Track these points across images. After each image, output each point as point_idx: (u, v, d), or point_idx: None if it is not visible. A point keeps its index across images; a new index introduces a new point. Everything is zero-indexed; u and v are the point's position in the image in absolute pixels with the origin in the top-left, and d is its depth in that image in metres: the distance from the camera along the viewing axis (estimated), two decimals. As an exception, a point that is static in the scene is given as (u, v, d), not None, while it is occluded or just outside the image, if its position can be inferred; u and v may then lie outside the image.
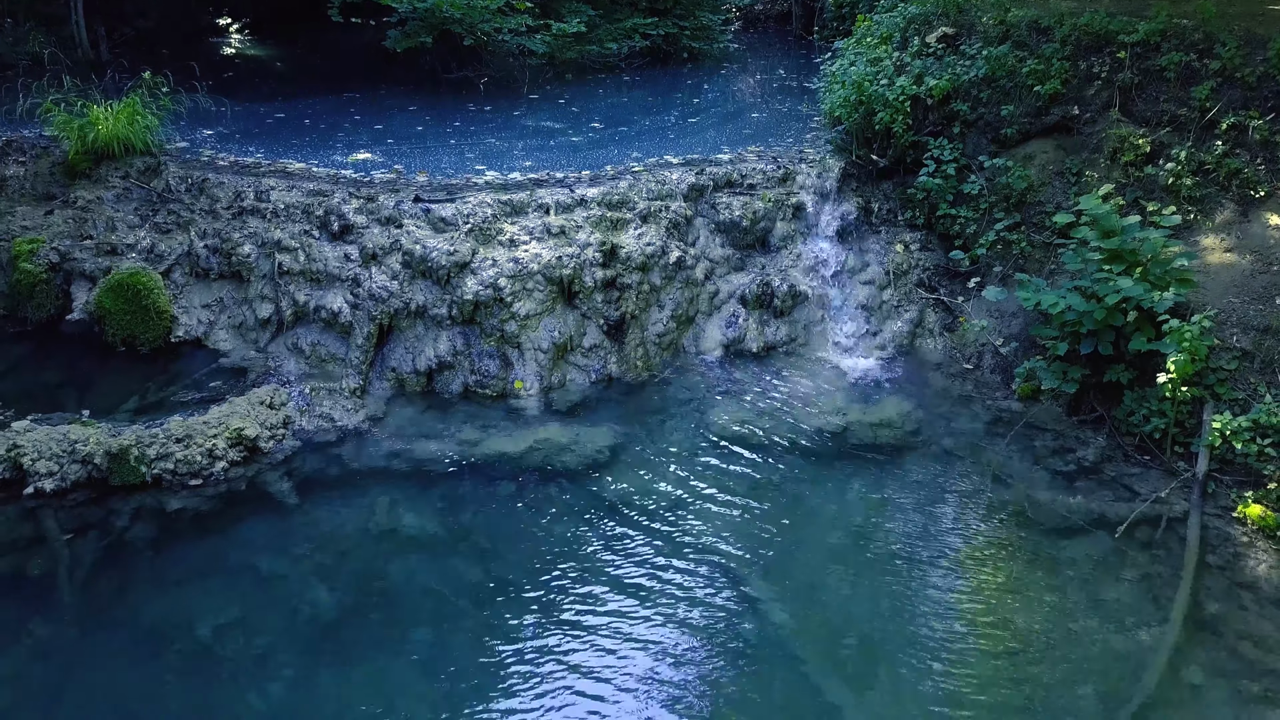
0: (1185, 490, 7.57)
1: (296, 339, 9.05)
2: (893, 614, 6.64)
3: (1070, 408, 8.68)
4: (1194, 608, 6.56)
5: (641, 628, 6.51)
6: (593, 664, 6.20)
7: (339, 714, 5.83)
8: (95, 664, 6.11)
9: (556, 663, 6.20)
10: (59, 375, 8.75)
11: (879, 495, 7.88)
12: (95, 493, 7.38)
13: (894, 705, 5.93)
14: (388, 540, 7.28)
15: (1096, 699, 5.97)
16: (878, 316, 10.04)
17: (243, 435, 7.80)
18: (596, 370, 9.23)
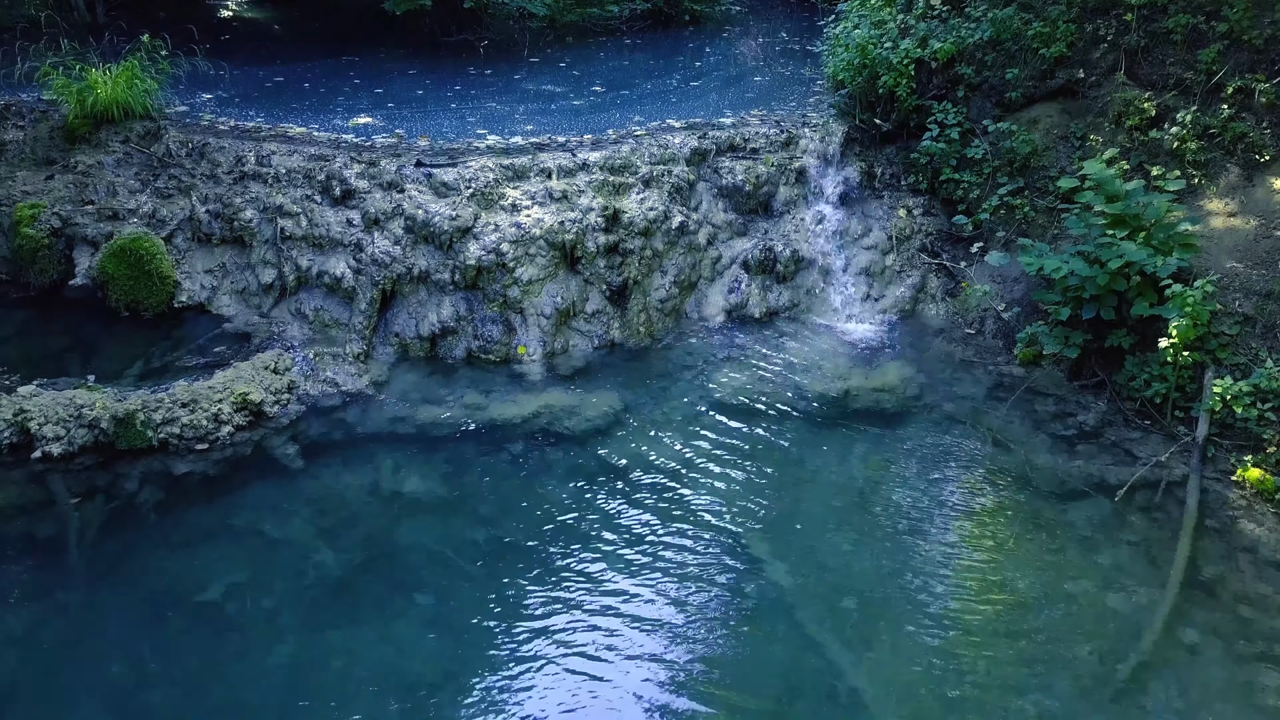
0: (1185, 454, 7.61)
1: (300, 304, 9.06)
2: (893, 575, 6.71)
3: (1071, 373, 8.71)
4: (1191, 570, 6.63)
5: (644, 589, 6.58)
6: (596, 624, 6.28)
7: (346, 672, 5.92)
8: (105, 624, 6.19)
9: (560, 624, 6.28)
10: (64, 340, 8.77)
11: (880, 459, 7.94)
12: (102, 457, 7.43)
13: (894, 664, 6.02)
14: (393, 503, 7.34)
15: (1094, 658, 6.05)
16: (880, 282, 10.04)
17: (248, 400, 7.84)
18: (599, 336, 9.25)
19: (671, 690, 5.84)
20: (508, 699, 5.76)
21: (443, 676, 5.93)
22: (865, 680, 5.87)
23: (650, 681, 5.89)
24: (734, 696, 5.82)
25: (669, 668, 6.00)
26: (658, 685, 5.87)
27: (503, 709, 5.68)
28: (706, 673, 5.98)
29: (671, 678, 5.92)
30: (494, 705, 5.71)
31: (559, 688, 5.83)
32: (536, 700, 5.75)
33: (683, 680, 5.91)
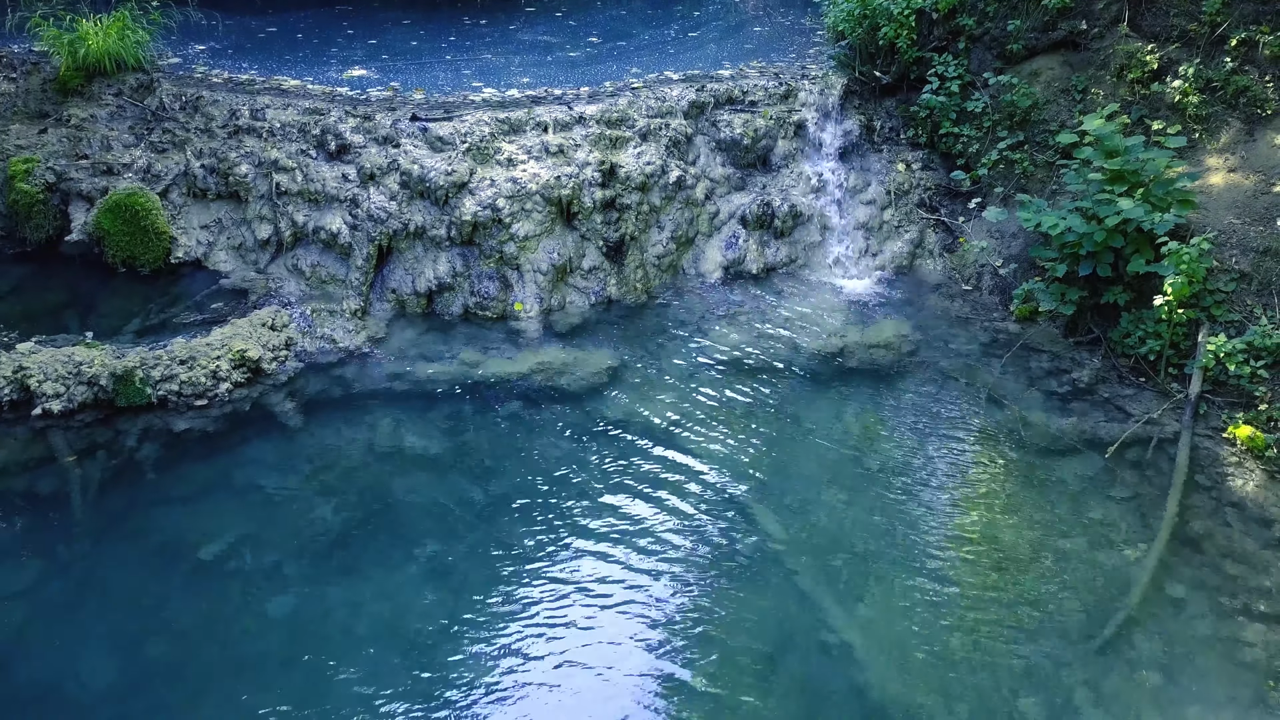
0: (1177, 411, 7.67)
1: (296, 260, 9.05)
2: (886, 531, 6.80)
3: (1067, 329, 8.74)
4: (1180, 525, 6.72)
5: (640, 543, 6.68)
6: (592, 577, 6.39)
7: (347, 625, 6.03)
8: (109, 579, 6.29)
9: (556, 577, 6.39)
10: (61, 296, 8.78)
11: (875, 416, 7.99)
12: (102, 414, 7.48)
13: (884, 618, 6.13)
14: (391, 459, 7.41)
15: (1082, 612, 6.16)
16: (878, 237, 10.02)
17: (246, 357, 7.87)
18: (596, 292, 9.25)
19: (666, 644, 5.95)
20: (506, 651, 5.87)
21: (442, 629, 6.04)
22: (856, 633, 5.99)
23: (645, 636, 6.00)
24: (727, 649, 5.93)
25: (664, 622, 6.11)
26: (652, 639, 5.98)
27: (501, 661, 5.80)
28: (700, 627, 6.09)
29: (666, 631, 6.04)
30: (492, 657, 5.83)
31: (556, 640, 5.95)
32: (534, 651, 5.87)
33: (677, 634, 6.03)
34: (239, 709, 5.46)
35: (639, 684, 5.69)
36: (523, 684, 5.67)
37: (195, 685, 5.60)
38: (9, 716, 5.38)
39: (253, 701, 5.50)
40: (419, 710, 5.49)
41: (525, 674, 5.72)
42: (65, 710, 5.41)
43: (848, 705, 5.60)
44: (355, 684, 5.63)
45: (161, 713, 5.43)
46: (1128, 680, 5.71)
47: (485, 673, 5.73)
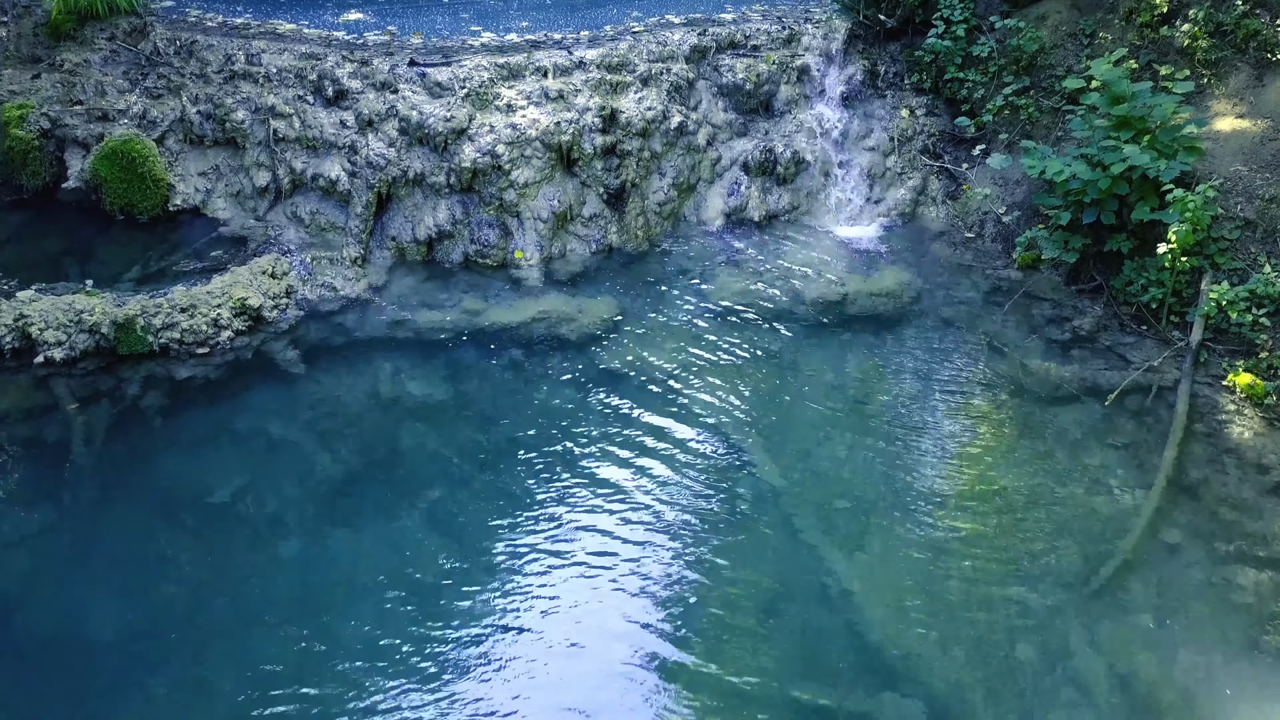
0: (1178, 359, 7.67)
1: (295, 207, 8.99)
2: (885, 478, 6.85)
3: (1069, 277, 8.71)
4: (1177, 472, 6.76)
5: (642, 490, 6.73)
6: (594, 525, 6.45)
7: (352, 570, 6.10)
8: (114, 527, 6.36)
9: (558, 523, 6.45)
10: (59, 244, 8.74)
11: (876, 364, 8.01)
12: (104, 362, 7.49)
13: (882, 563, 6.20)
14: (394, 407, 7.44)
15: (1079, 558, 6.23)
16: (881, 184, 9.94)
17: (246, 305, 7.86)
18: (597, 240, 9.20)
19: (667, 589, 6.03)
20: (509, 597, 5.95)
21: (445, 575, 6.11)
22: (855, 579, 6.06)
23: (646, 582, 6.08)
24: (728, 595, 6.01)
25: (665, 568, 6.18)
26: (654, 585, 6.06)
27: (504, 606, 5.88)
28: (701, 572, 6.16)
29: (667, 577, 6.11)
30: (496, 602, 5.91)
31: (556, 584, 6.02)
32: (535, 596, 5.95)
33: (677, 579, 6.10)
34: (245, 654, 5.56)
35: (640, 628, 5.78)
36: (525, 627, 5.75)
37: (202, 630, 5.69)
38: (20, 662, 5.47)
39: (258, 647, 5.59)
40: (423, 655, 5.58)
41: (527, 618, 5.81)
42: (75, 655, 5.50)
43: (846, 649, 5.69)
44: (359, 629, 5.71)
45: (169, 658, 5.52)
46: (1121, 624, 5.80)
47: (488, 617, 5.82)
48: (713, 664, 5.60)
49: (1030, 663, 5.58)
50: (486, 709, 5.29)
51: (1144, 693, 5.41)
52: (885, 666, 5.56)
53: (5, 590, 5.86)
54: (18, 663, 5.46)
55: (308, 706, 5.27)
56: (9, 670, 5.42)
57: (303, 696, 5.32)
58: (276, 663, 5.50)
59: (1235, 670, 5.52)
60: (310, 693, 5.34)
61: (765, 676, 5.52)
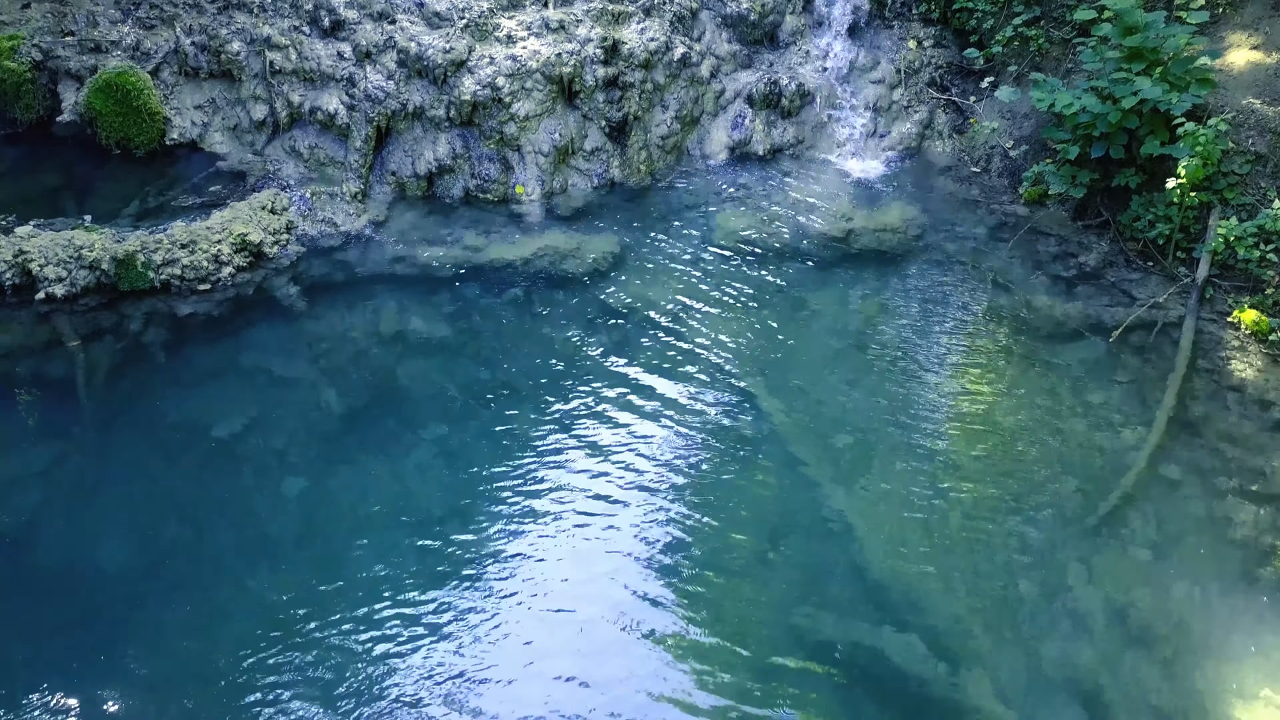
0: (1183, 296, 7.64)
1: (294, 141, 8.88)
2: (887, 414, 6.87)
3: (1076, 212, 8.63)
4: (1179, 409, 6.78)
5: (644, 426, 6.76)
6: (596, 460, 6.49)
7: (357, 505, 6.15)
8: (120, 462, 6.39)
9: (561, 459, 6.49)
10: (56, 179, 8.65)
11: (879, 300, 7.97)
12: (106, 298, 7.46)
13: (884, 499, 6.25)
14: (396, 343, 7.43)
15: (1078, 493, 6.27)
16: (886, 117, 9.79)
17: (247, 240, 7.80)
18: (598, 174, 9.10)
19: (668, 523, 6.09)
20: (512, 530, 6.01)
21: (449, 510, 6.17)
22: (856, 513, 6.11)
23: (648, 516, 6.13)
24: (729, 528, 6.07)
25: (667, 502, 6.23)
26: (655, 519, 6.11)
27: (508, 542, 5.95)
28: (702, 507, 6.21)
29: (669, 511, 6.17)
30: (499, 538, 5.97)
31: (562, 520, 6.08)
32: (539, 530, 6.01)
33: (680, 514, 6.16)
34: (253, 586, 5.63)
35: (642, 561, 5.84)
36: (527, 561, 5.82)
37: (210, 564, 5.75)
38: (30, 595, 5.55)
39: (266, 579, 5.67)
40: (428, 588, 5.66)
41: (531, 552, 5.87)
42: (85, 588, 5.58)
43: (847, 582, 5.76)
44: (365, 562, 5.78)
45: (177, 591, 5.59)
46: (1120, 558, 5.86)
47: (492, 550, 5.88)
48: (714, 596, 5.68)
49: (1028, 596, 5.66)
50: (490, 638, 5.38)
51: (1140, 624, 5.49)
52: (885, 599, 5.64)
53: (15, 524, 5.92)
54: (30, 594, 5.54)
55: (314, 636, 5.36)
56: (21, 601, 5.50)
57: (309, 627, 5.40)
58: (283, 594, 5.57)
59: (1230, 603, 5.60)
60: (316, 623, 5.42)
61: (766, 609, 5.60)
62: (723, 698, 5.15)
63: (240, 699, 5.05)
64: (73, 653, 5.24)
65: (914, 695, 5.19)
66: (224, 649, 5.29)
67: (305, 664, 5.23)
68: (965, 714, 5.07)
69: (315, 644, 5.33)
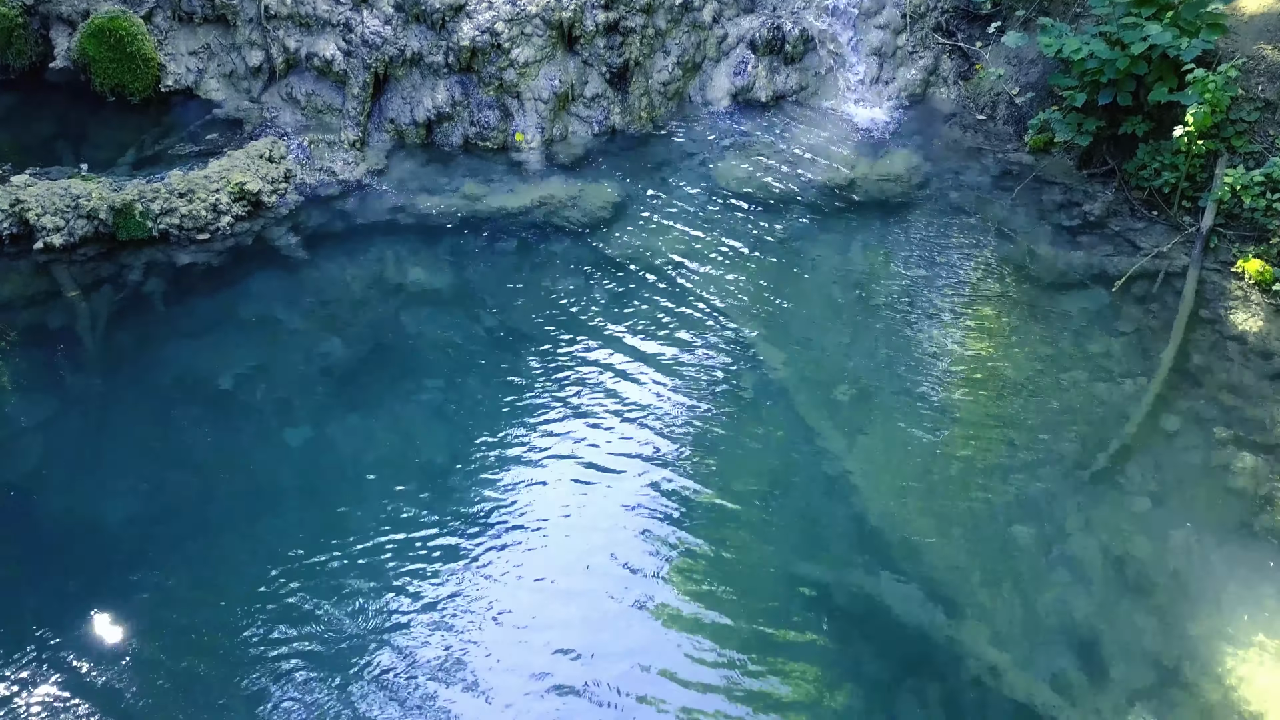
0: (1187, 245, 7.59)
1: (290, 88, 8.76)
2: (887, 365, 6.87)
3: (1081, 161, 8.54)
4: (1180, 359, 6.77)
5: (644, 376, 6.77)
6: (597, 410, 6.51)
7: (359, 454, 6.19)
8: (122, 413, 6.42)
9: (562, 410, 6.51)
10: (51, 126, 8.56)
11: (882, 250, 7.93)
12: (104, 248, 7.42)
13: (883, 448, 6.28)
14: (397, 293, 7.41)
15: (1077, 443, 6.30)
16: (891, 63, 9.65)
17: (245, 190, 7.74)
18: (599, 122, 9.00)
19: (669, 473, 6.12)
20: (513, 480, 6.05)
21: (451, 460, 6.20)
22: (855, 463, 6.15)
23: (649, 465, 6.17)
24: (729, 478, 6.11)
25: (667, 452, 6.26)
26: (656, 469, 6.15)
27: (508, 490, 5.99)
28: (703, 456, 6.25)
29: (669, 461, 6.20)
30: (500, 486, 6.01)
31: (562, 469, 6.12)
32: (539, 481, 6.05)
33: (680, 464, 6.19)
34: (257, 535, 5.69)
35: (642, 511, 5.89)
36: (528, 510, 5.87)
37: (213, 513, 5.81)
38: (35, 544, 5.60)
39: (270, 528, 5.72)
40: (431, 538, 5.71)
41: (530, 501, 5.92)
42: (90, 536, 5.63)
43: (845, 531, 5.81)
44: (367, 511, 5.83)
45: (182, 540, 5.65)
46: (1118, 507, 5.90)
47: (493, 500, 5.93)
48: (714, 546, 5.73)
49: (1026, 545, 5.71)
50: (492, 587, 5.44)
51: (1136, 573, 5.55)
52: (883, 547, 5.69)
53: (20, 474, 5.96)
54: (35, 543, 5.60)
55: (318, 584, 5.43)
56: (28, 549, 5.56)
57: (313, 575, 5.47)
58: (287, 542, 5.63)
59: (1227, 552, 5.65)
60: (320, 571, 5.49)
61: (765, 557, 5.66)
62: (722, 644, 5.23)
63: (245, 646, 5.13)
64: (79, 599, 5.30)
65: (912, 643, 5.26)
66: (229, 596, 5.35)
67: (308, 612, 5.29)
68: (962, 661, 5.14)
69: (318, 592, 5.39)
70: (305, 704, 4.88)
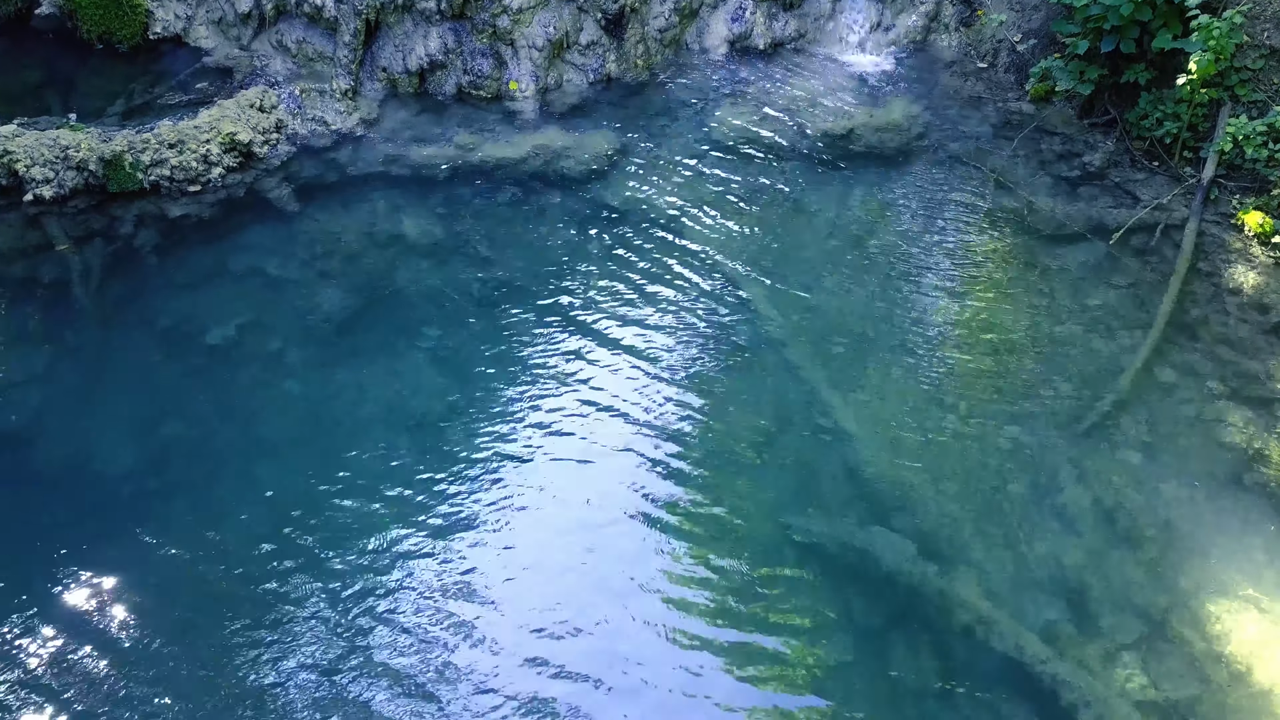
0: (1188, 197, 7.53)
1: (281, 35, 8.61)
2: (883, 317, 6.85)
3: (1082, 110, 8.43)
4: (1178, 312, 6.75)
5: (640, 329, 6.75)
6: (592, 361, 6.50)
7: (355, 407, 6.20)
8: (118, 364, 6.41)
9: (558, 360, 6.50)
10: (38, 75, 8.43)
11: (880, 200, 7.86)
12: (95, 200, 7.35)
13: (878, 401, 6.28)
14: (391, 245, 7.36)
15: (1072, 396, 6.30)
16: (891, 9, 9.47)
17: (236, 140, 7.65)
18: (594, 70, 8.86)
19: (664, 426, 6.14)
20: (509, 433, 6.07)
21: (447, 410, 6.22)
22: (850, 416, 6.15)
23: (644, 419, 6.18)
24: (725, 430, 6.12)
25: (663, 404, 6.27)
26: (651, 420, 6.16)
27: (503, 443, 6.01)
28: (699, 408, 6.25)
29: (665, 412, 6.21)
30: (496, 439, 6.03)
31: (556, 423, 6.13)
32: (534, 434, 6.06)
33: (676, 416, 6.20)
34: (254, 485, 5.72)
35: (637, 464, 5.91)
36: (523, 464, 5.89)
37: (211, 463, 5.84)
38: (36, 493, 5.64)
39: (267, 477, 5.75)
40: (425, 487, 5.74)
41: (525, 454, 5.94)
42: (89, 487, 5.67)
43: (840, 482, 5.84)
44: (364, 462, 5.86)
45: (180, 489, 5.69)
46: (1110, 460, 5.92)
47: (489, 453, 5.95)
48: (708, 497, 5.77)
49: (1019, 497, 5.74)
50: (484, 540, 5.49)
51: (1127, 525, 5.58)
52: (876, 499, 5.72)
53: (16, 424, 5.97)
54: (34, 492, 5.63)
55: (316, 532, 5.48)
56: (28, 499, 5.60)
57: (310, 524, 5.52)
58: (283, 493, 5.67)
59: (1218, 505, 5.68)
60: (315, 521, 5.54)
61: (759, 509, 5.69)
62: (715, 594, 5.28)
63: (242, 596, 5.18)
64: (76, 549, 5.35)
65: (903, 593, 5.31)
66: (225, 547, 5.40)
67: (305, 562, 5.34)
68: (953, 611, 5.20)
69: (315, 542, 5.44)
70: (301, 651, 4.95)
